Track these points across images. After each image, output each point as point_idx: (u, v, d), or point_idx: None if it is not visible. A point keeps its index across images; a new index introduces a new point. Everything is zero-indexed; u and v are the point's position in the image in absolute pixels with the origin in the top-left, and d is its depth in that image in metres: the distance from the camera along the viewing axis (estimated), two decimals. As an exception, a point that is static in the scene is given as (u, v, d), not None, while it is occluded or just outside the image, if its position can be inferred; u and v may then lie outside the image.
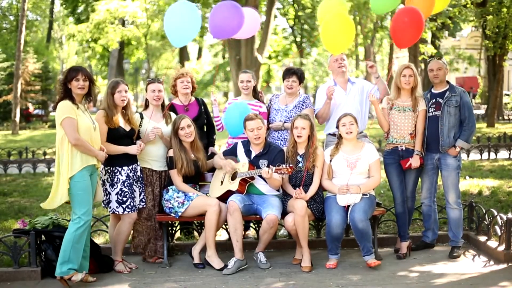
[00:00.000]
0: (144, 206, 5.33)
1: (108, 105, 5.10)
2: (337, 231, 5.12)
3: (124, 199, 5.11)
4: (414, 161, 5.46)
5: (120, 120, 5.14)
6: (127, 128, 5.19)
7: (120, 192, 5.11)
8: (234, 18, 5.38)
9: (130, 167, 5.18)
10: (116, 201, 5.11)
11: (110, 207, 5.15)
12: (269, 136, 5.97)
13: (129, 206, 5.13)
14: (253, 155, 5.42)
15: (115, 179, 5.12)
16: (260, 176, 5.25)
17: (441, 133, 5.47)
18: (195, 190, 5.45)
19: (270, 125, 5.98)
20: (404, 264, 5.32)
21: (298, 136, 5.30)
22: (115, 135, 5.10)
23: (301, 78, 5.96)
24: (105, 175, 5.15)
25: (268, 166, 5.22)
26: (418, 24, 5.41)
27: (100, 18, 25.55)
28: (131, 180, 5.16)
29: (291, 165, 5.09)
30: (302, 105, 5.91)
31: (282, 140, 5.85)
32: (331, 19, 5.54)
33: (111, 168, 5.13)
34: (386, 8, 5.73)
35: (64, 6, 35.06)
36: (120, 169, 5.12)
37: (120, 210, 5.12)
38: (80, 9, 32.30)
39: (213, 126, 6.16)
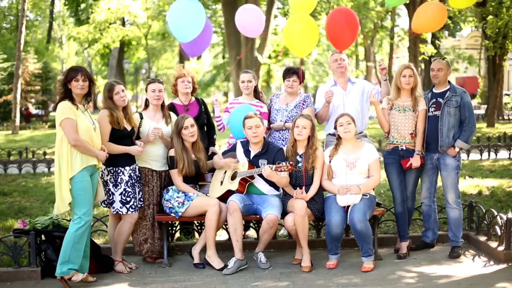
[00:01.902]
0: (142, 205, 5.33)
1: (109, 108, 5.09)
2: (337, 231, 5.12)
3: (128, 199, 5.11)
4: (415, 161, 5.46)
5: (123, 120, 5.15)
6: (128, 127, 5.19)
7: (124, 192, 5.11)
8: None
9: (131, 167, 5.18)
10: (120, 201, 5.11)
11: (113, 208, 5.15)
12: (271, 136, 5.97)
13: (133, 206, 5.14)
14: (252, 154, 5.43)
15: (119, 180, 5.11)
16: (260, 176, 5.26)
17: (441, 133, 5.47)
18: (195, 190, 5.45)
19: (271, 125, 5.98)
20: (404, 264, 5.32)
21: (298, 135, 5.31)
22: (119, 135, 5.09)
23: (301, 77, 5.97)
24: (107, 175, 5.14)
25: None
26: (354, 25, 5.61)
27: (102, 19, 25.51)
28: (133, 180, 5.17)
29: (291, 162, 5.09)
30: (303, 104, 5.91)
31: (283, 140, 5.85)
32: (292, 23, 5.71)
33: (114, 169, 5.12)
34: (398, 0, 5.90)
35: (67, 7, 35.07)
36: (122, 169, 5.12)
37: (124, 210, 5.12)
38: (81, 7, 32.32)
39: (213, 126, 6.16)
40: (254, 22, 6.19)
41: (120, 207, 5.12)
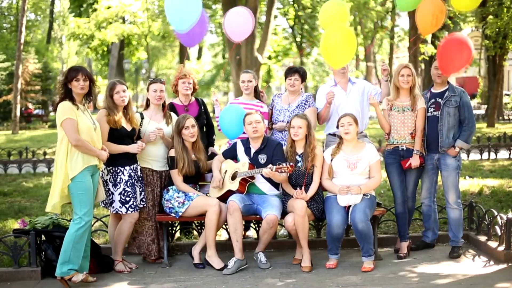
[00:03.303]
0: (145, 205, 5.33)
1: (109, 107, 5.10)
2: (338, 231, 5.12)
3: (127, 199, 5.12)
4: (414, 161, 5.46)
5: (121, 120, 5.14)
6: (129, 128, 5.19)
7: (123, 192, 5.11)
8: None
9: (132, 167, 5.18)
10: (119, 201, 5.11)
11: (113, 207, 5.15)
12: (273, 136, 5.97)
13: (132, 206, 5.14)
14: (252, 151, 5.43)
15: (118, 179, 5.12)
16: (261, 175, 5.25)
17: (440, 134, 5.47)
18: (195, 190, 5.45)
19: (273, 126, 5.98)
20: (404, 264, 5.32)
21: (294, 135, 5.31)
22: (117, 135, 5.09)
23: (303, 76, 5.97)
24: (107, 175, 5.15)
25: (267, 161, 5.24)
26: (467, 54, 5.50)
27: (105, 16, 25.51)
28: (133, 180, 5.17)
29: (291, 163, 5.09)
30: (305, 104, 5.90)
31: (285, 141, 5.84)
32: (331, 33, 5.61)
33: (114, 168, 5.13)
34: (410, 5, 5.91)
35: (69, 8, 35.09)
36: (122, 169, 5.12)
37: (123, 210, 5.12)
38: (83, 7, 32.33)
39: (213, 126, 6.16)
40: (243, 26, 6.10)
41: (120, 207, 5.12)
